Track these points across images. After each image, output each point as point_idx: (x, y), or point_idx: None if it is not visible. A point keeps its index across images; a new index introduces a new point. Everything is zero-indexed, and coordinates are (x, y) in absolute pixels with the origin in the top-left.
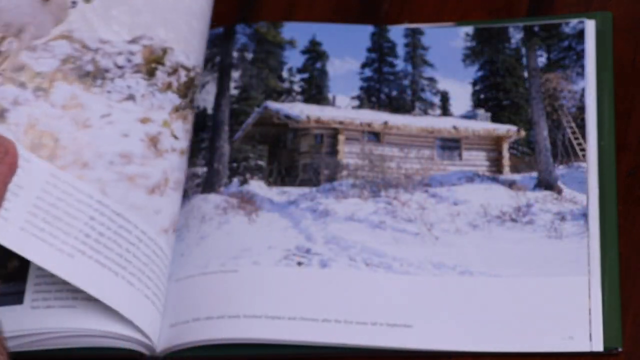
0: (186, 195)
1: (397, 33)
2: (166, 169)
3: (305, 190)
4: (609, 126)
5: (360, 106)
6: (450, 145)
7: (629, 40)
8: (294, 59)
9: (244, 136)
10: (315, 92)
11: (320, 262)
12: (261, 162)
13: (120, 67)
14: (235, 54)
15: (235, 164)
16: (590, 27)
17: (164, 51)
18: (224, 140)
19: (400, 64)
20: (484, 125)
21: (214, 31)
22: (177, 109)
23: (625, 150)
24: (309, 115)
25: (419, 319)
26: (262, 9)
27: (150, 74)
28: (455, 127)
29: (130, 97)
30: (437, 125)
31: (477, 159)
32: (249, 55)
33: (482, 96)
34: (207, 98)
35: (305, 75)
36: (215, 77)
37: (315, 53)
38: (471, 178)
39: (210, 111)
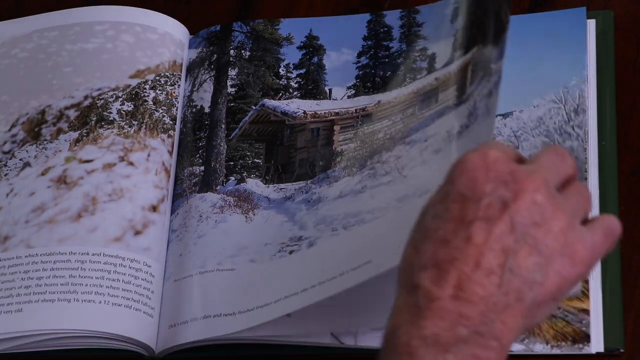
0: (184, 195)
1: (392, 17)
2: (87, 191)
3: (301, 184)
4: (611, 126)
5: (355, 94)
6: (430, 94)
7: (630, 39)
8: (290, 55)
9: (241, 134)
10: (312, 86)
11: (308, 243)
12: (258, 160)
13: (7, 152)
14: (232, 52)
15: (232, 163)
16: (591, 26)
17: (42, 113)
18: (221, 138)
19: (395, 45)
20: (458, 62)
21: (211, 29)
22: (78, 140)
23: (627, 150)
24: (306, 110)
25: None
26: (261, 8)
27: (36, 137)
28: (436, 79)
29: (26, 165)
30: (422, 84)
31: (450, 95)
32: (246, 53)
33: (462, 41)
34: (204, 96)
35: (302, 71)
36: (212, 76)
37: (312, 48)
38: (441, 112)
39: (207, 109)
